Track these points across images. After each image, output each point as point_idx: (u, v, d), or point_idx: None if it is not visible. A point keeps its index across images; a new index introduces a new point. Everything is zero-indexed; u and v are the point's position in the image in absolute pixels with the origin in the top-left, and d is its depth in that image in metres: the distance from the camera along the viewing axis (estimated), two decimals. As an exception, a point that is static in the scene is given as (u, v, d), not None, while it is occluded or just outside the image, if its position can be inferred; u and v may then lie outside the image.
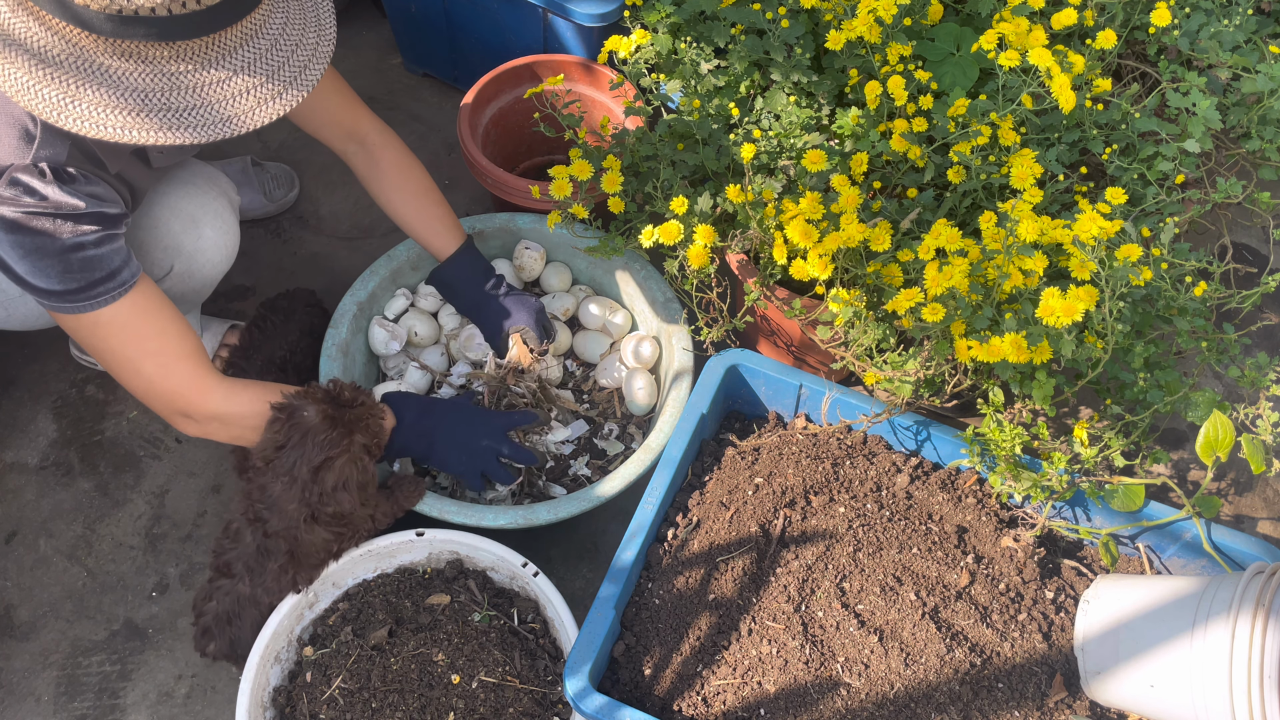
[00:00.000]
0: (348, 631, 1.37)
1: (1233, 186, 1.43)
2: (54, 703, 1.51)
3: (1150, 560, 1.43)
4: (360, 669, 1.33)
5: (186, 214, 1.50)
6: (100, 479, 1.70)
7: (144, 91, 1.07)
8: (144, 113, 1.08)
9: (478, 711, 1.29)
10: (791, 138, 1.49)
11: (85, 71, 1.06)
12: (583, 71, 1.88)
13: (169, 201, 1.49)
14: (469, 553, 1.43)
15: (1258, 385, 1.40)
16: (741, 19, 1.56)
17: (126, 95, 1.07)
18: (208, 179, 1.56)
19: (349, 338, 1.65)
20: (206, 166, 1.60)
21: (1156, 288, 1.38)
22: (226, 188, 1.61)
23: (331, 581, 1.41)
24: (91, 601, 1.59)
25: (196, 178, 1.55)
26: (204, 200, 1.52)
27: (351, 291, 1.68)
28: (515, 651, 1.36)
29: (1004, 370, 1.27)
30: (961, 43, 1.52)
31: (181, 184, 1.52)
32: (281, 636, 1.36)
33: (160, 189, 1.50)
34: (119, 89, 1.07)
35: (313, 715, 1.31)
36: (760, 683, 1.27)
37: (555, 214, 1.58)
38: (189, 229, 1.50)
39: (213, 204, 1.53)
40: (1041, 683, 1.29)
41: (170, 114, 1.08)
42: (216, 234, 1.53)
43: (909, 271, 1.35)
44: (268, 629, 1.34)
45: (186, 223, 1.50)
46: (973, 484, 1.44)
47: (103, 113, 1.07)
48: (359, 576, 1.44)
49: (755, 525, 1.37)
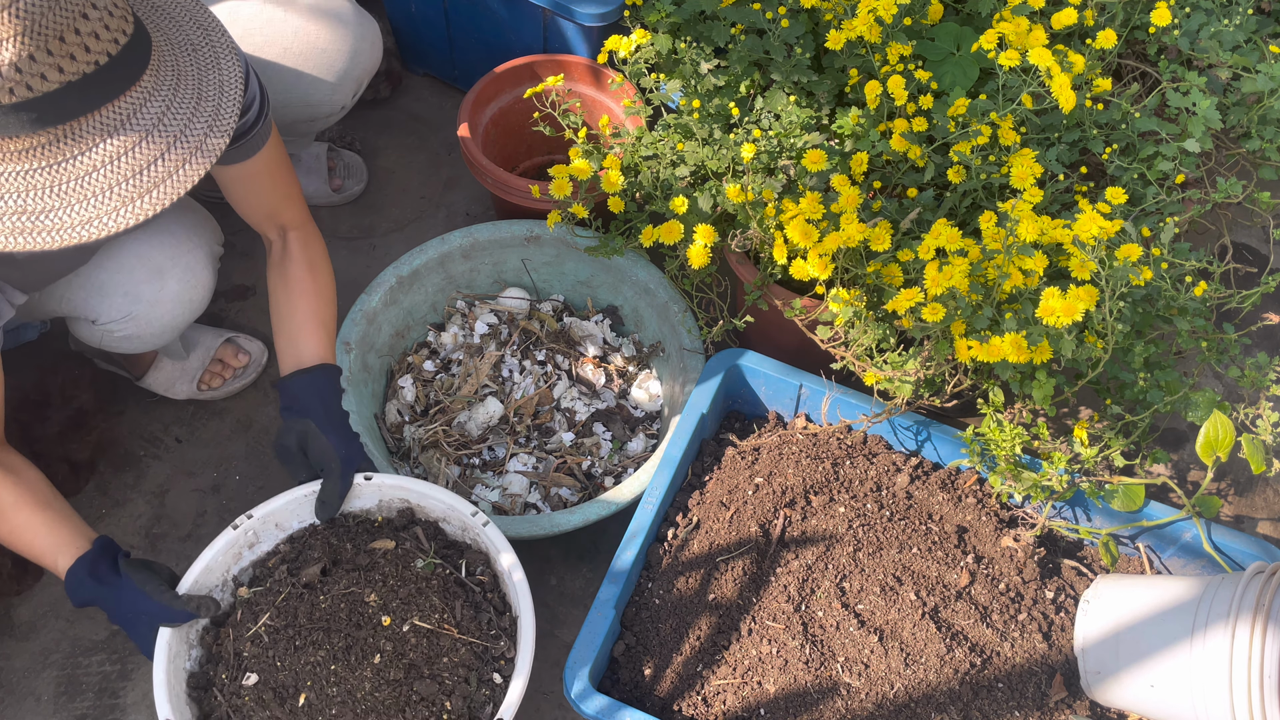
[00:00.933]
0: (283, 571, 1.33)
1: (1233, 186, 1.43)
2: (54, 703, 1.51)
3: (1150, 560, 1.43)
4: (288, 606, 1.29)
5: (154, 264, 1.42)
6: (100, 479, 1.70)
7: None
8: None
9: (407, 656, 1.26)
10: (791, 137, 1.49)
11: None
12: (583, 71, 1.88)
13: (138, 248, 1.41)
14: (419, 500, 1.38)
15: (1258, 385, 1.40)
16: (741, 19, 1.56)
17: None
18: (189, 227, 1.46)
19: (379, 308, 1.66)
20: (194, 211, 1.50)
21: (1156, 288, 1.38)
22: (209, 236, 1.50)
23: (275, 523, 1.36)
24: (91, 601, 1.59)
25: (176, 225, 1.45)
26: (176, 252, 1.43)
27: (395, 264, 1.68)
28: (457, 601, 1.32)
29: (1004, 370, 1.27)
30: (961, 42, 1.52)
31: (157, 230, 1.43)
32: (215, 573, 1.31)
33: (134, 231, 1.39)
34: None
35: (237, 653, 1.27)
36: (760, 683, 1.27)
37: (555, 214, 1.58)
38: (153, 279, 1.41)
39: (185, 257, 1.44)
40: (1041, 683, 1.29)
41: (22, 218, 0.96)
42: (181, 287, 1.44)
43: (909, 271, 1.35)
44: (198, 564, 1.29)
45: (151, 272, 1.41)
46: (973, 484, 1.44)
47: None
48: (304, 520, 1.38)
49: (755, 525, 1.37)
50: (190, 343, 1.76)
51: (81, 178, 0.97)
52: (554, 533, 1.46)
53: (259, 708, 1.23)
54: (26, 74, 0.90)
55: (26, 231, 0.97)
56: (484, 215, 2.05)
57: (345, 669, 1.24)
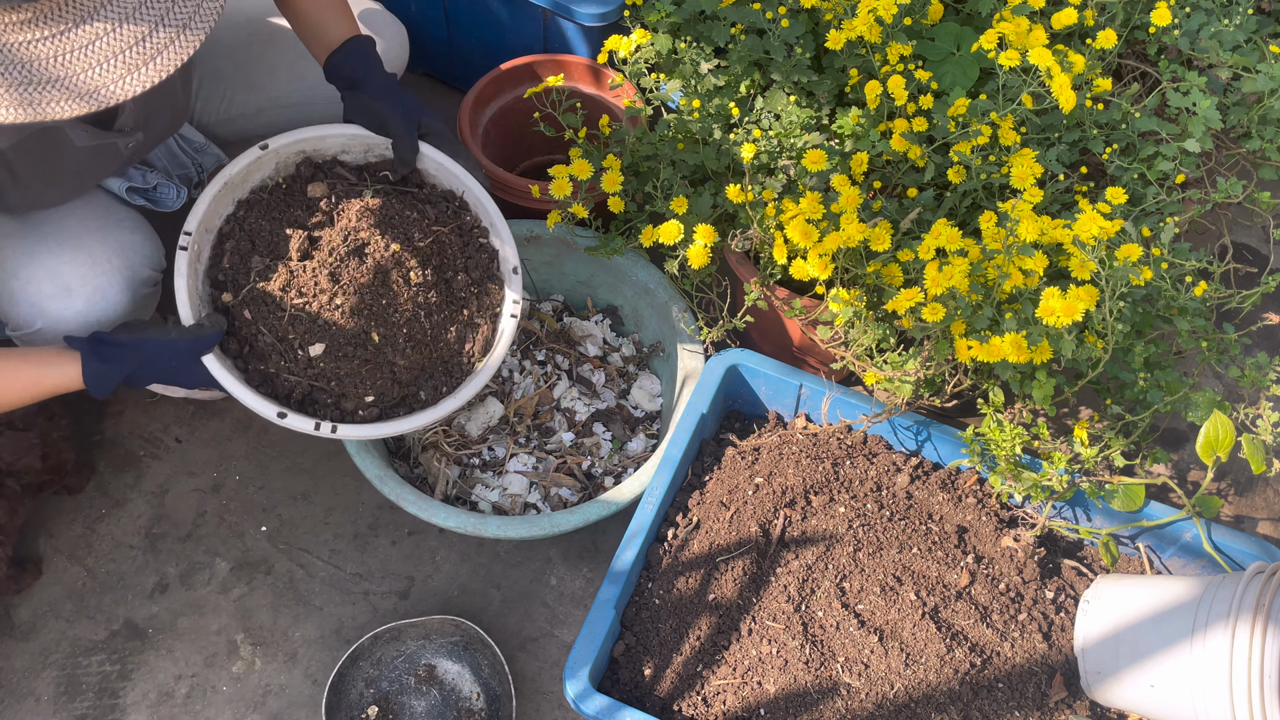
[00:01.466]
0: (255, 259, 1.35)
1: (1233, 186, 1.43)
2: (54, 703, 1.51)
3: (1150, 560, 1.43)
4: (293, 279, 1.33)
5: (62, 281, 1.35)
6: (100, 479, 1.70)
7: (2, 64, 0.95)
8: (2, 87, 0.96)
9: (431, 263, 1.34)
10: (791, 137, 1.49)
11: None
12: (583, 71, 1.88)
13: (49, 262, 1.35)
14: (316, 145, 1.38)
15: (1258, 385, 1.40)
16: (741, 19, 1.56)
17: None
18: (111, 248, 1.39)
19: None
20: (128, 231, 1.42)
21: (1156, 288, 1.38)
22: (135, 260, 1.41)
23: (204, 228, 1.35)
24: (91, 601, 1.59)
25: (97, 244, 1.38)
26: (88, 273, 1.36)
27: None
28: (425, 206, 1.37)
29: (1004, 370, 1.27)
30: (962, 42, 1.52)
31: (72, 246, 1.36)
32: (195, 296, 1.33)
33: (49, 243, 1.35)
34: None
35: (282, 340, 1.33)
36: (760, 683, 1.27)
37: (555, 214, 1.58)
38: (59, 296, 1.34)
39: (97, 279, 1.36)
40: (1041, 683, 1.29)
41: (29, 88, 0.96)
42: (88, 307, 1.36)
43: (909, 271, 1.35)
44: (181, 297, 1.30)
45: (59, 289, 1.34)
46: (973, 484, 1.44)
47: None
48: (223, 214, 1.38)
49: (755, 525, 1.37)
50: None
51: (85, 46, 0.97)
52: (554, 533, 1.46)
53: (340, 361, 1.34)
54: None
55: (37, 102, 0.97)
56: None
57: (384, 289, 1.34)
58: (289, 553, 1.65)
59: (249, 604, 1.60)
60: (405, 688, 1.53)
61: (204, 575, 1.62)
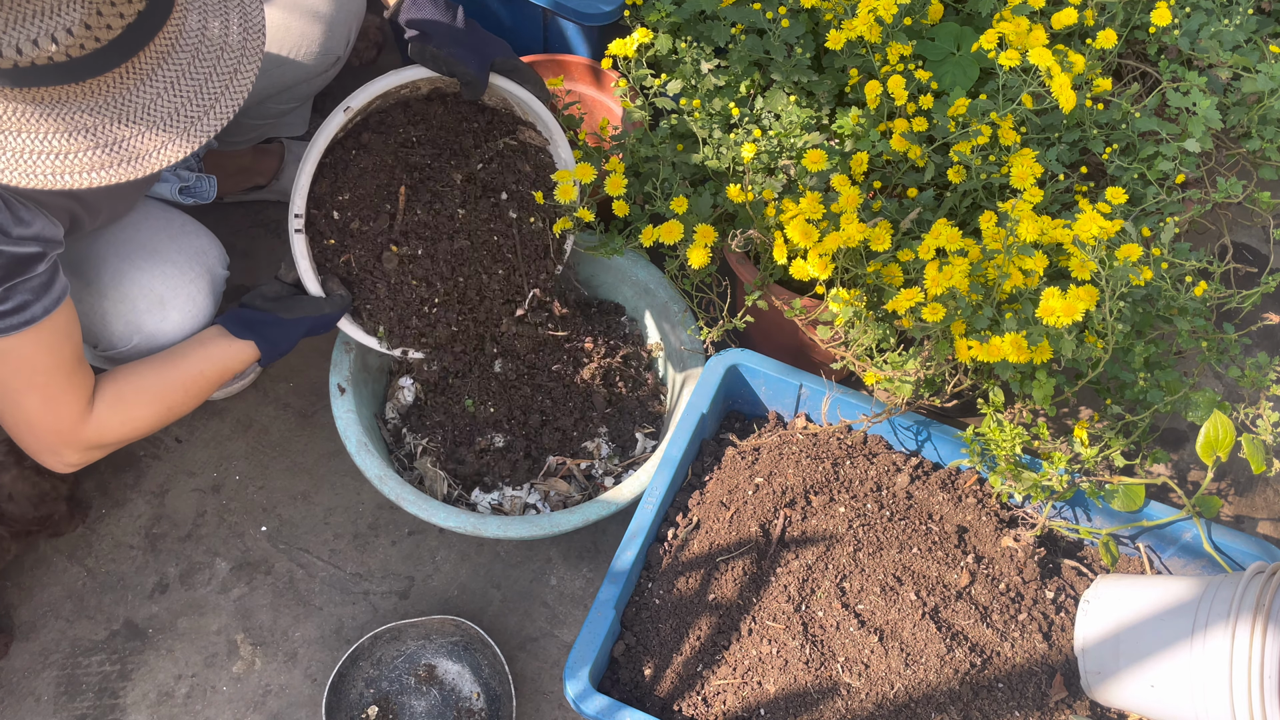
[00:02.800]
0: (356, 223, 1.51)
1: (1233, 186, 1.43)
2: (54, 703, 1.51)
3: (1150, 560, 1.43)
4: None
5: (155, 295, 1.41)
6: (100, 478, 1.70)
7: (70, 130, 1.01)
8: (73, 153, 1.01)
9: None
10: (791, 137, 1.49)
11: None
12: (583, 71, 1.88)
13: (140, 279, 1.40)
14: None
15: (1258, 385, 1.40)
16: (741, 19, 1.56)
17: (51, 137, 1.00)
18: (190, 255, 1.46)
19: None
20: (197, 237, 1.50)
21: (1156, 288, 1.38)
22: (213, 262, 1.50)
23: (345, 106, 1.45)
24: (91, 601, 1.59)
25: (178, 254, 1.45)
26: (179, 282, 1.43)
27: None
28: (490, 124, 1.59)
29: (1004, 370, 1.27)
30: (962, 42, 1.52)
31: (158, 259, 1.43)
32: (314, 270, 1.48)
33: (137, 260, 1.41)
34: (39, 132, 1.00)
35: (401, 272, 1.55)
36: (760, 683, 1.27)
37: (564, 220, 1.58)
38: (154, 310, 1.41)
39: (187, 287, 1.43)
40: (1041, 683, 1.29)
41: (100, 150, 1.02)
42: (183, 318, 1.43)
43: (909, 271, 1.35)
44: (301, 267, 1.47)
45: (153, 303, 1.41)
46: (973, 484, 1.44)
47: (32, 160, 1.00)
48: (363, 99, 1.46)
49: (755, 525, 1.37)
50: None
51: (148, 104, 1.03)
52: (554, 533, 1.46)
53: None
54: (95, 29, 0.96)
55: (108, 165, 1.03)
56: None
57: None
58: (289, 553, 1.65)
59: (249, 604, 1.60)
60: (405, 687, 1.53)
61: (204, 575, 1.63)
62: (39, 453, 1.29)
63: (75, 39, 0.96)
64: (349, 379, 1.58)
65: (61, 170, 1.02)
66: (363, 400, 1.61)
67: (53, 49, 0.95)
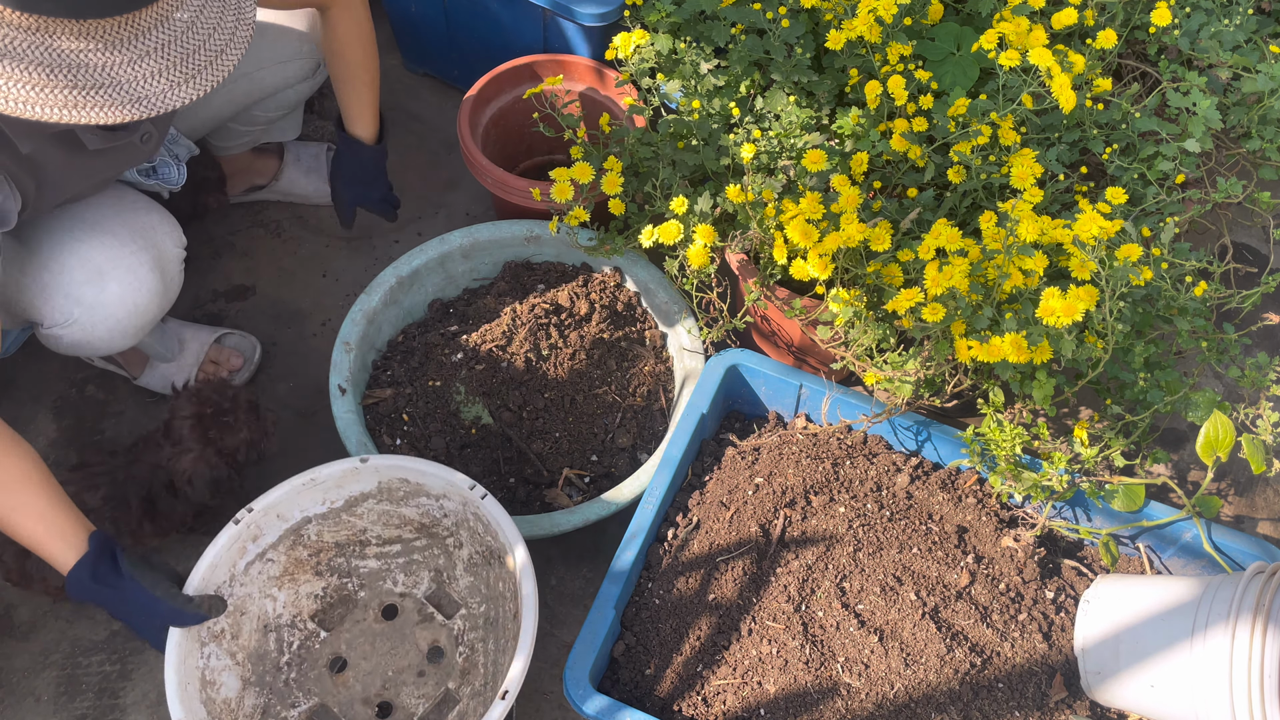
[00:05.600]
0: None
1: (1233, 186, 1.43)
2: (54, 703, 1.51)
3: (1150, 560, 1.43)
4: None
5: (94, 265, 1.40)
6: (100, 479, 1.70)
7: (50, 67, 1.01)
8: (50, 88, 1.02)
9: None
10: (791, 138, 1.49)
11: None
12: (583, 71, 1.88)
13: (79, 249, 1.40)
14: (418, 479, 1.39)
15: (1258, 385, 1.40)
16: (741, 19, 1.56)
17: (32, 69, 1.01)
18: (134, 230, 1.45)
19: (379, 308, 1.66)
20: (146, 213, 1.49)
21: (1156, 288, 1.38)
22: (161, 238, 1.48)
23: (275, 514, 1.37)
24: (91, 601, 1.59)
25: (120, 227, 1.44)
26: (118, 254, 1.42)
27: (395, 264, 1.68)
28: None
29: (1004, 370, 1.27)
30: (962, 42, 1.52)
31: (99, 231, 1.42)
32: (221, 570, 1.33)
33: (77, 231, 1.41)
34: (23, 62, 1.00)
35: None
36: (760, 683, 1.27)
37: (556, 219, 1.58)
38: (93, 280, 1.40)
39: (127, 259, 1.42)
40: (1041, 682, 1.29)
41: (77, 91, 1.02)
42: (122, 289, 1.42)
43: (909, 271, 1.35)
44: (204, 562, 1.30)
45: (91, 274, 1.40)
46: (973, 484, 1.44)
47: (9, 87, 1.01)
48: (306, 510, 1.39)
49: (755, 525, 1.37)
50: (182, 341, 1.76)
51: (134, 60, 1.05)
52: (554, 533, 1.46)
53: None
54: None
55: (83, 105, 1.03)
56: (484, 215, 2.05)
57: None
58: (289, 553, 1.65)
59: (249, 604, 1.60)
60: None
61: (204, 575, 1.62)
62: None
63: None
64: (349, 379, 1.58)
65: (37, 102, 1.02)
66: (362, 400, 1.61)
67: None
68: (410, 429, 1.60)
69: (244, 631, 1.37)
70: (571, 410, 1.62)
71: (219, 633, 1.33)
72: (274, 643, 1.40)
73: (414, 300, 1.74)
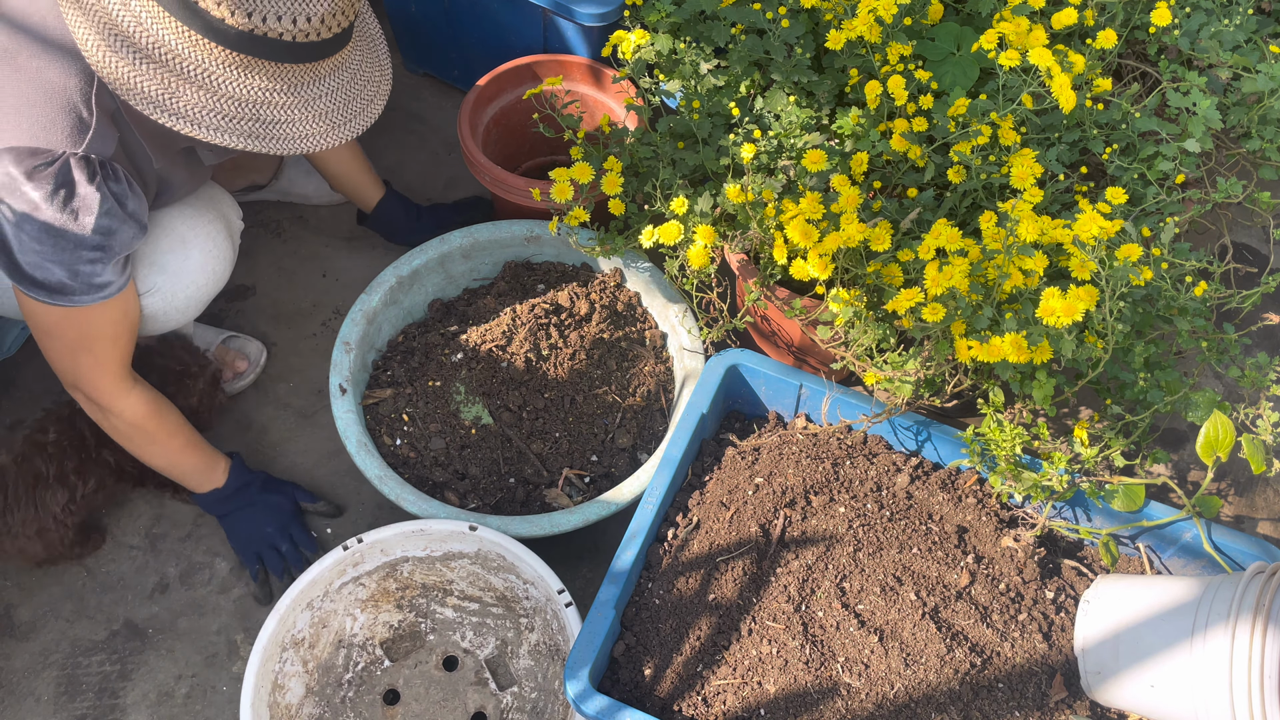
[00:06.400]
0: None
1: (1233, 186, 1.43)
2: (54, 702, 1.51)
3: (1150, 560, 1.43)
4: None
5: (177, 234, 1.48)
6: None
7: (240, 101, 1.18)
8: (235, 119, 1.19)
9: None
10: (791, 138, 1.49)
11: (188, 74, 1.16)
12: (583, 71, 1.88)
13: (163, 220, 1.47)
14: (514, 560, 1.44)
15: (1258, 385, 1.40)
16: (741, 19, 1.56)
17: (222, 101, 1.17)
18: (207, 201, 1.55)
19: (379, 308, 1.67)
20: (211, 186, 1.59)
21: (1156, 288, 1.37)
22: (227, 210, 1.60)
23: (380, 549, 1.46)
24: (91, 601, 1.59)
25: (196, 198, 1.53)
26: (197, 223, 1.50)
27: (395, 264, 1.69)
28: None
29: (1004, 370, 1.27)
30: (962, 42, 1.52)
31: (179, 203, 1.50)
32: (320, 585, 1.43)
33: (158, 205, 1.48)
34: (217, 95, 1.17)
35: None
36: (760, 683, 1.27)
37: (556, 220, 1.58)
38: (176, 249, 1.47)
39: (206, 227, 1.51)
40: (1041, 683, 1.29)
41: (257, 124, 1.20)
42: (204, 257, 1.51)
43: (909, 271, 1.35)
44: (306, 576, 1.41)
45: (175, 242, 1.47)
46: (973, 484, 1.44)
47: (199, 113, 1.17)
48: (408, 552, 1.48)
49: (755, 525, 1.37)
50: (189, 339, 1.76)
51: (306, 103, 1.23)
52: (554, 533, 1.46)
53: None
54: (329, 24, 1.18)
55: (262, 136, 1.22)
56: (484, 215, 2.05)
57: None
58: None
59: (249, 604, 1.60)
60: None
61: (204, 575, 1.63)
62: (77, 397, 1.43)
63: (325, 24, 1.18)
64: (349, 379, 1.58)
65: (223, 130, 1.20)
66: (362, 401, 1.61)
67: (290, 28, 1.15)
68: (410, 429, 1.60)
69: (321, 642, 1.45)
70: (571, 410, 1.62)
71: (300, 639, 1.42)
72: (343, 659, 1.47)
73: (414, 300, 1.74)
